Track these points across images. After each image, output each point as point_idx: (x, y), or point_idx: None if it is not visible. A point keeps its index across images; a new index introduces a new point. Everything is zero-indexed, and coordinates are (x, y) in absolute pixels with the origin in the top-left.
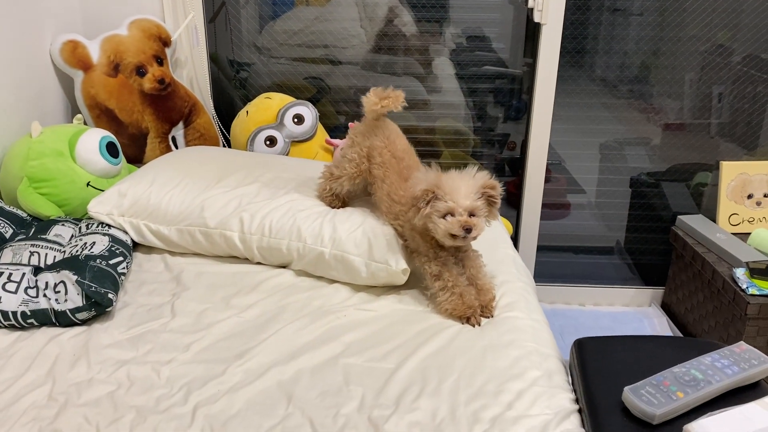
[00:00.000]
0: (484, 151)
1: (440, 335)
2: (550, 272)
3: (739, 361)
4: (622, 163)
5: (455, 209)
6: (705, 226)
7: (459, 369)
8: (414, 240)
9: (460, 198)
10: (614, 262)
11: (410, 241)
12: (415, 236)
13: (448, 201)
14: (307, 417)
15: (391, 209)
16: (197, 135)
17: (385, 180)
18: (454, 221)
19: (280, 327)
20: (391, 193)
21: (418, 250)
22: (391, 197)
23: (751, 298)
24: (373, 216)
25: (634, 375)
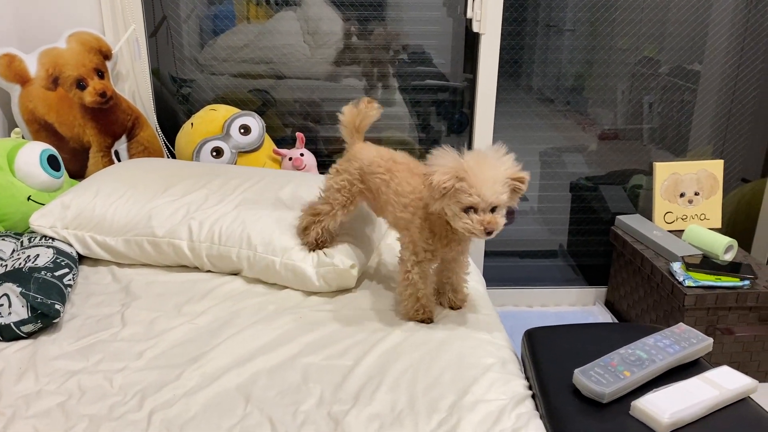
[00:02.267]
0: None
1: (397, 331)
2: (499, 276)
3: (679, 340)
4: (562, 168)
5: (479, 204)
6: (642, 224)
7: (416, 362)
8: (413, 233)
9: (486, 191)
10: (558, 264)
11: (408, 233)
12: (417, 229)
13: (473, 194)
14: (266, 416)
15: (399, 201)
16: (141, 148)
17: (391, 181)
18: (476, 221)
19: (235, 331)
20: (399, 189)
21: (411, 245)
22: (399, 192)
23: (687, 290)
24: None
25: (583, 359)
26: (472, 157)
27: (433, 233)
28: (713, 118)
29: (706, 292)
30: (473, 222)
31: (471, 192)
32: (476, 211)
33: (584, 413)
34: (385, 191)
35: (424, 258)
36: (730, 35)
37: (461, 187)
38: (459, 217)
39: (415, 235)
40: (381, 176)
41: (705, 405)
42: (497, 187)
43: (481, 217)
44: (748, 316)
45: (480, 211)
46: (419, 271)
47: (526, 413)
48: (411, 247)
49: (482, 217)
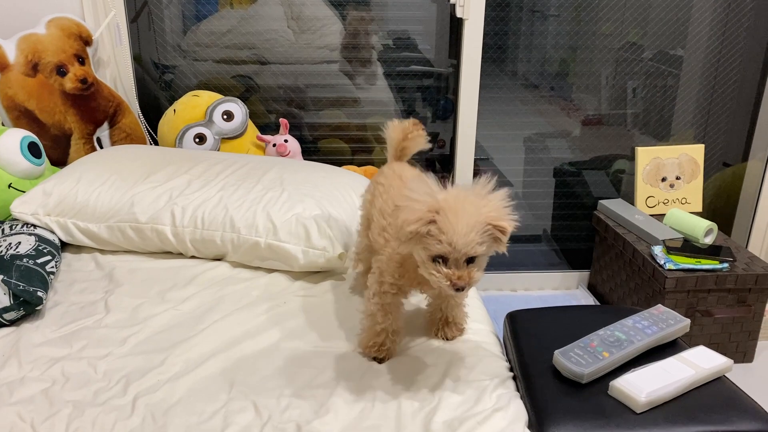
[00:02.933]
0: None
1: None
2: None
3: (657, 321)
4: (546, 154)
5: (450, 255)
6: (624, 209)
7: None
8: (382, 261)
9: (458, 240)
10: (542, 248)
11: (379, 259)
12: (386, 259)
13: (443, 243)
14: (251, 400)
15: (379, 223)
16: (123, 135)
17: (381, 196)
18: (444, 274)
19: (219, 317)
20: (383, 207)
21: (378, 272)
22: (381, 211)
23: (668, 273)
24: (308, 199)
25: (563, 340)
26: (451, 195)
27: (403, 269)
28: (695, 103)
29: (687, 274)
30: (440, 275)
31: (441, 239)
32: (446, 261)
33: (564, 393)
34: (373, 206)
35: (387, 290)
36: (712, 20)
37: (431, 231)
38: (426, 266)
39: (383, 265)
40: (379, 188)
41: (681, 384)
42: (473, 235)
43: (451, 270)
44: (727, 298)
45: (451, 262)
46: (379, 302)
47: (507, 393)
48: (377, 274)
49: (453, 270)
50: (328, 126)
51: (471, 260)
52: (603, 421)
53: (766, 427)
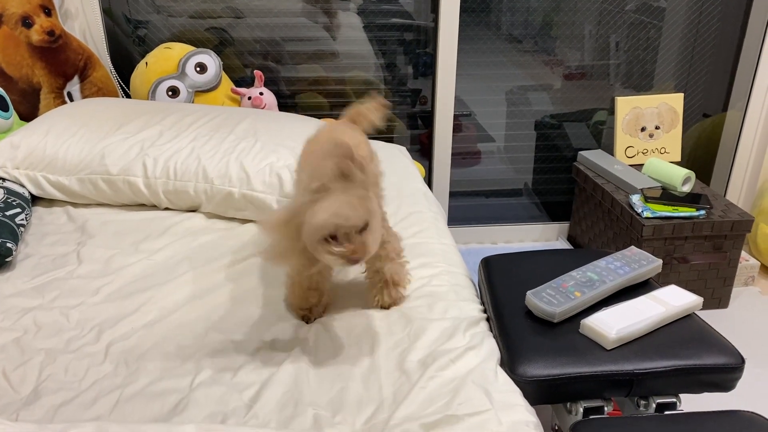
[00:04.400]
0: (396, 103)
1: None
2: (463, 216)
3: (630, 262)
4: (527, 107)
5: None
6: (604, 159)
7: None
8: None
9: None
10: (523, 202)
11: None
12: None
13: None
14: (225, 345)
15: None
16: (95, 89)
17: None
18: (336, 253)
19: (195, 266)
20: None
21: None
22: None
23: (645, 221)
24: (281, 149)
25: (536, 283)
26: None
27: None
28: (677, 55)
29: (664, 222)
30: (332, 255)
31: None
32: (335, 237)
33: (536, 332)
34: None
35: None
36: None
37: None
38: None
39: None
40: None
41: (651, 321)
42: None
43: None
44: (704, 245)
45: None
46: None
47: (480, 333)
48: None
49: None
50: (306, 80)
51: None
52: (574, 358)
53: (734, 360)
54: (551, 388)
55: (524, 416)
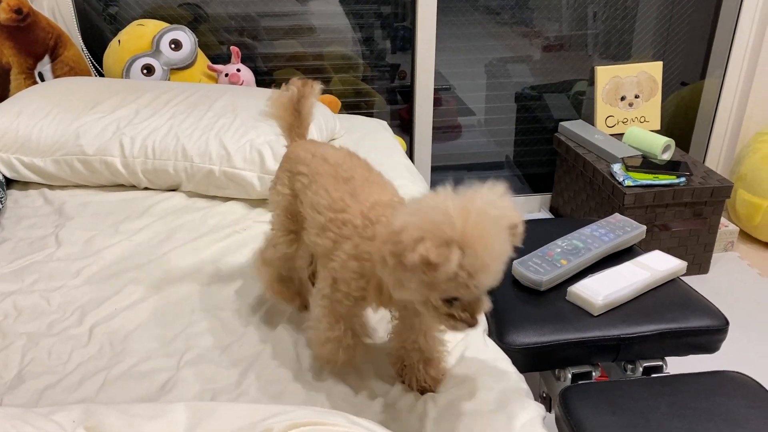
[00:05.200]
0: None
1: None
2: None
3: (614, 229)
4: (507, 79)
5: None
6: (584, 129)
7: None
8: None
9: (487, 279)
10: (505, 174)
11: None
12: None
13: (470, 285)
14: (212, 323)
15: (315, 220)
16: (66, 69)
17: (309, 187)
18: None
19: (177, 245)
20: (314, 200)
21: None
22: (314, 205)
23: (627, 189)
24: (261, 125)
25: (523, 252)
26: (472, 217)
27: (365, 280)
28: (655, 24)
29: (645, 190)
30: (457, 321)
31: (468, 282)
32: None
33: (523, 301)
34: (303, 201)
35: (341, 299)
36: None
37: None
38: (432, 308)
39: (338, 273)
40: (302, 179)
41: (636, 286)
42: (500, 265)
43: (464, 314)
44: (684, 212)
45: (467, 300)
46: (327, 306)
47: None
48: (329, 282)
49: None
50: (283, 56)
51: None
52: (561, 325)
53: (718, 323)
54: (539, 356)
55: (514, 384)
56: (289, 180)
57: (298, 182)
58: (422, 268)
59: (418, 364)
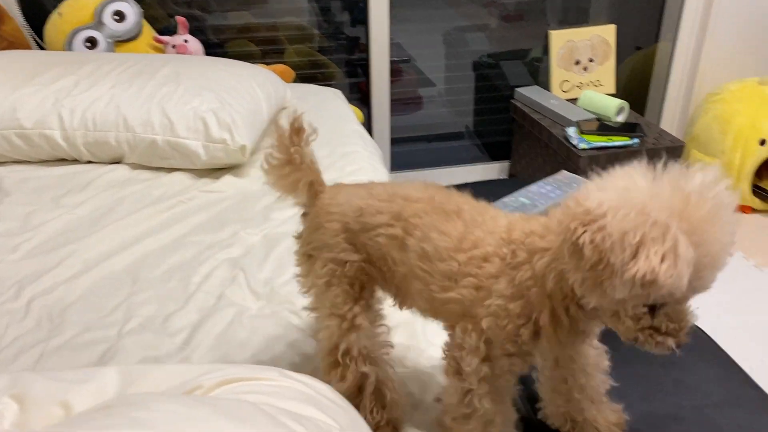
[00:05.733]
0: (332, 50)
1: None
2: (407, 162)
3: (561, 185)
4: (465, 48)
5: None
6: (540, 94)
7: None
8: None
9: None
10: (465, 144)
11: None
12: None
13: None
14: (155, 292)
15: (436, 271)
16: (5, 44)
17: (409, 237)
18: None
19: (119, 218)
20: (428, 249)
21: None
22: (430, 255)
23: (582, 152)
24: (206, 92)
25: None
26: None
27: (531, 320)
28: None
29: (599, 152)
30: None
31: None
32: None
33: None
34: (401, 258)
35: (505, 369)
36: None
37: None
38: (633, 318)
39: (492, 328)
40: (386, 231)
41: None
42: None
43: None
44: None
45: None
46: (490, 391)
47: None
48: (479, 345)
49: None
50: (235, 28)
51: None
52: None
53: None
54: None
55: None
56: (352, 240)
57: (377, 238)
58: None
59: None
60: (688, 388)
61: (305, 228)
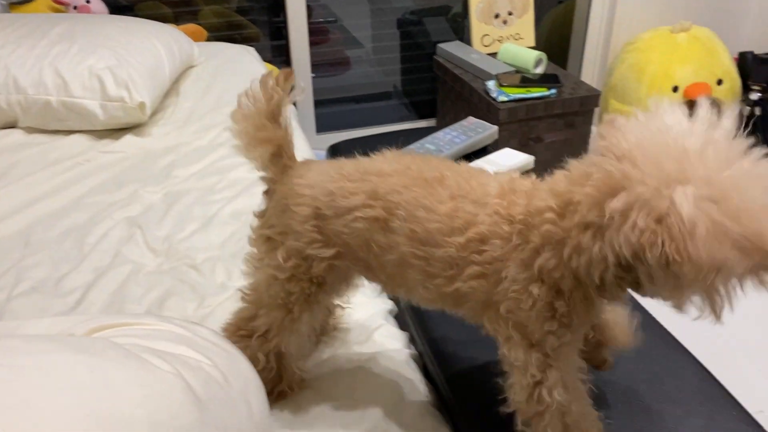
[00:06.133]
0: (252, 11)
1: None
2: (334, 123)
3: (466, 131)
4: (388, 4)
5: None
6: (461, 50)
7: (200, 193)
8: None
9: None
10: (392, 104)
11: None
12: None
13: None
14: (48, 254)
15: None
16: None
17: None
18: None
19: (11, 182)
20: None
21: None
22: (425, 239)
23: (501, 105)
24: (102, 50)
25: None
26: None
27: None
28: None
29: (518, 104)
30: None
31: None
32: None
33: None
34: (388, 243)
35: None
36: None
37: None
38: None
39: (514, 311)
40: (364, 214)
41: None
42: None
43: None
44: (557, 123)
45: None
46: (557, 377)
47: None
48: (510, 333)
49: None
50: None
51: None
52: None
53: None
54: None
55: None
56: (323, 229)
57: (354, 223)
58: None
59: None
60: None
61: (270, 208)
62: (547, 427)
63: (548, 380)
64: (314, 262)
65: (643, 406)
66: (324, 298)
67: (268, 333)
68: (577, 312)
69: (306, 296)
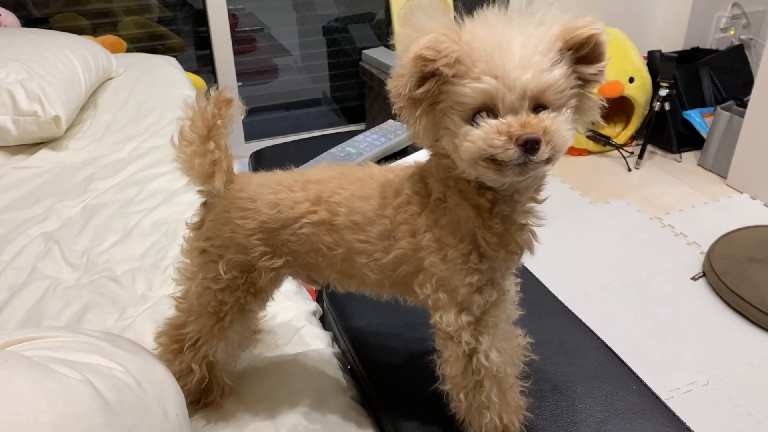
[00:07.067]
0: (175, 21)
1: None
2: (264, 131)
3: (386, 133)
4: (313, 12)
5: (499, 96)
6: (386, 55)
7: (121, 203)
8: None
9: (511, 67)
10: (322, 110)
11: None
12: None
13: (481, 77)
14: None
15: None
16: None
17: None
18: (494, 127)
19: None
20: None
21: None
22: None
23: None
24: (12, 63)
25: (299, 164)
26: (478, 19)
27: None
28: None
29: None
30: (489, 130)
31: (477, 72)
32: (495, 112)
33: None
34: (335, 240)
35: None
36: None
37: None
38: (462, 134)
39: (436, 264)
40: (310, 219)
41: None
42: (535, 56)
43: (506, 120)
44: None
45: (504, 111)
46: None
47: None
48: (438, 294)
49: (509, 120)
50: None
51: (539, 108)
52: None
53: None
54: None
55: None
56: (270, 241)
57: (301, 230)
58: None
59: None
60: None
61: (209, 221)
62: (490, 394)
63: (482, 345)
64: (263, 273)
65: (553, 385)
66: (257, 307)
67: (198, 341)
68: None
69: (240, 306)
